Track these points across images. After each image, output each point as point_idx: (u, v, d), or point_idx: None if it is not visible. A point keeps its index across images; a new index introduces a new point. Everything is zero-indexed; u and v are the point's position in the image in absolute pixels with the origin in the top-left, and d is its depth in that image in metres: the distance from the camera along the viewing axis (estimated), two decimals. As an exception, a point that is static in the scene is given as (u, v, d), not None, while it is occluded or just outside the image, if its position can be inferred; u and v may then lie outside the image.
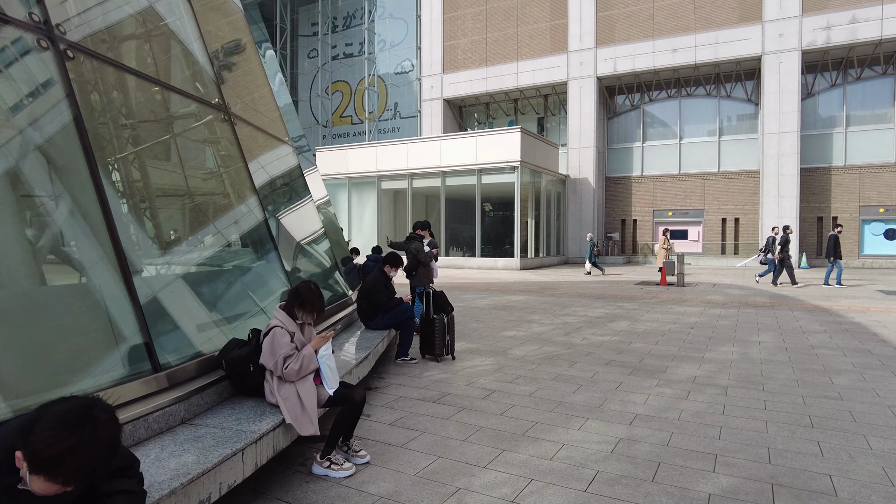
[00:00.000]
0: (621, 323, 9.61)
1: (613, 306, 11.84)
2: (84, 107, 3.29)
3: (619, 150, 29.95)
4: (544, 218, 26.69)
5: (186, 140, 4.83)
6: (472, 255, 25.54)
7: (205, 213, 5.03)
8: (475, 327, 9.09)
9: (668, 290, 15.48)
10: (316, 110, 44.16)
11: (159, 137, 4.56)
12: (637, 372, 6.15)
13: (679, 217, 28.56)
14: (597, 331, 8.81)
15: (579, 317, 10.31)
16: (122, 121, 4.12)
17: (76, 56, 3.35)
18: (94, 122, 3.57)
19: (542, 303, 12.40)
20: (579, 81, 28.63)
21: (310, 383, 3.51)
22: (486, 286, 16.29)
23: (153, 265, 3.96)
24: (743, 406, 4.91)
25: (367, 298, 6.30)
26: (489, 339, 8.11)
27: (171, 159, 4.61)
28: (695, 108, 28.09)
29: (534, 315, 10.51)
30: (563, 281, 18.20)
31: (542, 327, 9.13)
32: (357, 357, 4.95)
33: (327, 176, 28.48)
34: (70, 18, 3.45)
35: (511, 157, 23.43)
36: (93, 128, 3.40)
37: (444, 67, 32.57)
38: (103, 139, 3.67)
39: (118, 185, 3.86)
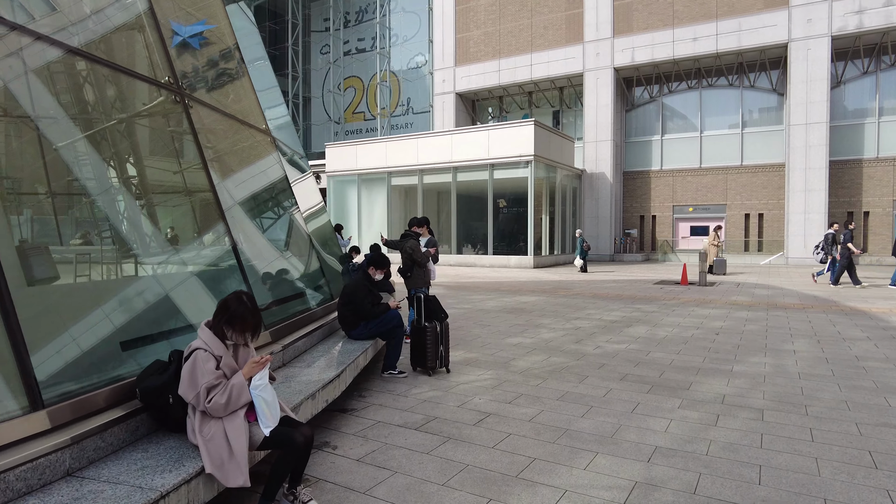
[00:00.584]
0: (639, 328, 8.78)
1: (630, 308, 11.00)
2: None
3: (637, 144, 28.94)
4: (559, 214, 25.81)
5: (121, 126, 4.13)
6: (483, 253, 24.76)
7: (135, 208, 4.32)
8: (478, 333, 8.33)
9: (689, 289, 14.58)
10: (328, 106, 43.65)
11: (80, 121, 3.86)
12: (657, 389, 5.35)
13: (700, 213, 27.51)
14: (612, 337, 8.00)
15: (593, 321, 9.50)
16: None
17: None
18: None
19: (554, 304, 11.60)
20: (596, 73, 27.67)
21: (240, 420, 2.78)
22: (496, 286, 15.51)
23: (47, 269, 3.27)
24: (785, 436, 4.09)
25: (349, 305, 5.58)
26: (491, 347, 7.35)
27: (102, 149, 3.91)
28: (716, 100, 26.99)
29: (544, 319, 9.72)
30: (578, 280, 17.35)
31: (552, 333, 8.34)
32: (324, 377, 4.22)
33: (337, 172, 27.92)
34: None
35: (524, 151, 22.59)
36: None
37: (457, 60, 31.76)
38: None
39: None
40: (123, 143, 4.17)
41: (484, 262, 23.98)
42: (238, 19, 7.38)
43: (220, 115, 5.26)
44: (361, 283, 5.60)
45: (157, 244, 4.26)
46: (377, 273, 5.76)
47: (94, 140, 3.85)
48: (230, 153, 5.37)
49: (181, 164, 4.58)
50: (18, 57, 3.15)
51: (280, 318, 5.02)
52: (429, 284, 7.74)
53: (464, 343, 7.59)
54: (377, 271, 5.75)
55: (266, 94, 7.17)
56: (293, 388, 3.92)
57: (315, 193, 8.29)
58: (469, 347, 7.30)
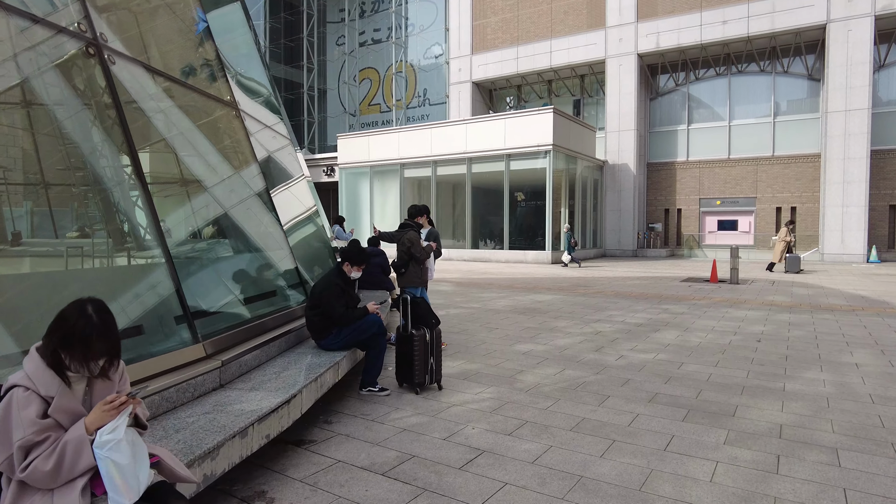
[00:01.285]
0: (668, 333, 7.71)
1: (658, 309, 9.91)
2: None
3: (662, 134, 27.60)
4: (579, 207, 24.64)
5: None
6: (499, 248, 23.71)
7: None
8: (483, 338, 7.34)
9: (719, 288, 13.41)
10: (344, 99, 42.83)
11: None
12: (695, 415, 4.32)
13: (728, 206, 26.12)
14: (637, 344, 6.95)
15: (615, 324, 8.44)
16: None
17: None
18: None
19: (572, 304, 10.55)
20: (618, 59, 26.37)
21: (75, 496, 1.84)
22: (510, 283, 14.48)
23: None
24: (879, 495, 3.05)
25: (317, 308, 4.63)
26: (497, 355, 6.36)
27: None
28: (746, 87, 25.53)
29: (559, 321, 8.68)
30: (599, 276, 16.24)
31: (568, 338, 7.31)
32: (265, 406, 3.26)
33: (349, 164, 27.08)
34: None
35: (543, 141, 21.46)
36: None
37: (474, 48, 30.65)
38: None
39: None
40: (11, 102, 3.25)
41: (499, 258, 22.93)
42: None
43: (156, 75, 4.32)
44: (333, 282, 4.64)
45: (48, 229, 3.34)
46: (353, 270, 4.79)
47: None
48: (168, 120, 4.44)
49: (93, 125, 3.64)
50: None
51: (225, 325, 4.09)
52: (426, 283, 6.76)
53: (465, 350, 6.60)
54: (353, 268, 4.78)
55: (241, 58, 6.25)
56: (217, 423, 2.97)
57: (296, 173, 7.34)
58: (471, 356, 6.31)
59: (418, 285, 6.61)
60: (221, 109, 5.31)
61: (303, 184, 7.59)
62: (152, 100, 4.30)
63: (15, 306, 2.89)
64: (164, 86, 4.45)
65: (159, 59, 4.56)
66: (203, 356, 3.61)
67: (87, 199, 3.65)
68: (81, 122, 3.56)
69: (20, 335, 2.70)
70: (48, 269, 3.48)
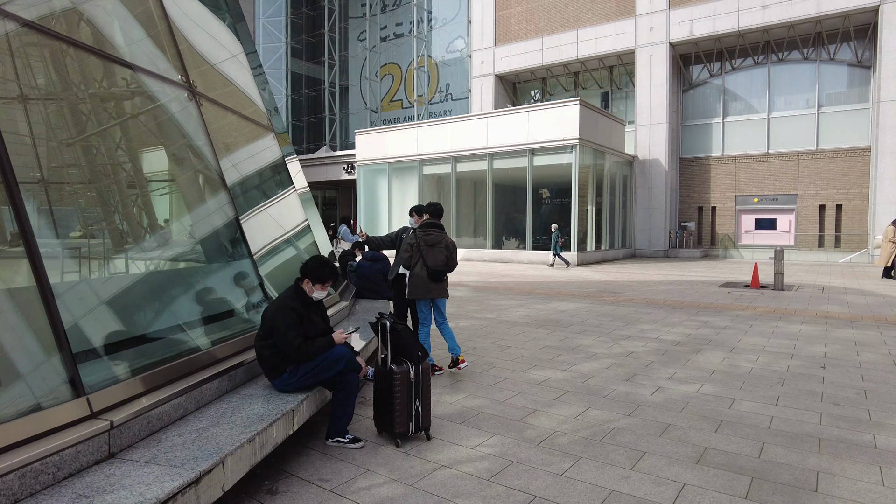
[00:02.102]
0: (712, 354, 6.56)
1: (696, 322, 8.73)
2: None
3: (695, 127, 26.12)
4: (607, 205, 23.35)
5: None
6: (522, 248, 22.57)
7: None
8: (494, 360, 6.28)
9: (762, 295, 12.12)
10: (365, 95, 42.04)
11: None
12: (761, 488, 3.22)
13: (766, 204, 24.57)
14: (676, 371, 5.82)
15: (648, 341, 7.31)
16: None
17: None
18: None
19: (599, 315, 9.43)
20: (649, 49, 24.97)
21: None
22: (530, 287, 13.37)
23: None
24: None
25: (268, 338, 3.64)
26: (507, 386, 5.31)
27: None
28: (788, 76, 23.93)
29: (584, 337, 7.58)
30: (629, 280, 15.02)
31: (593, 362, 6.21)
32: (149, 497, 2.26)
33: (367, 161, 26.23)
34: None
35: (568, 135, 20.26)
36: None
37: (497, 39, 29.50)
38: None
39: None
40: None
41: (521, 258, 21.79)
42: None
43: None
44: (286, 306, 3.62)
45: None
46: (316, 288, 3.77)
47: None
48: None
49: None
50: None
51: (131, 366, 3.11)
52: (441, 293, 5.74)
53: (470, 378, 5.56)
54: (316, 286, 3.76)
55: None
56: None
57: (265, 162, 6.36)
58: (475, 387, 5.27)
59: (424, 296, 5.59)
60: (174, 91, 4.37)
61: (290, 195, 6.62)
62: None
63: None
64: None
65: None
66: (86, 415, 2.63)
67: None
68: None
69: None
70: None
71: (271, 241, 5.57)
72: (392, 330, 3.83)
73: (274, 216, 5.89)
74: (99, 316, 3.18)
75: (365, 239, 6.15)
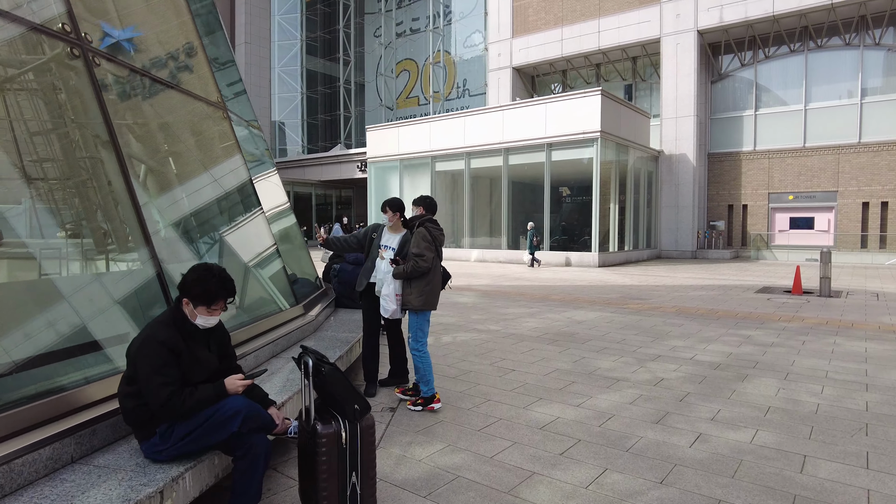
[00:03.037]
0: (762, 383, 5.26)
1: (737, 337, 7.41)
2: None
3: (725, 120, 24.54)
4: (631, 203, 21.92)
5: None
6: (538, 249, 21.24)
7: None
8: (489, 390, 5.07)
9: (808, 302, 10.72)
10: (382, 92, 41.04)
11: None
12: None
13: (802, 201, 22.91)
14: (720, 407, 4.56)
15: (682, 363, 6.04)
16: None
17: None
18: None
19: (622, 327, 8.16)
20: (675, 37, 23.47)
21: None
22: (545, 292, 12.11)
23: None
24: None
25: (133, 383, 2.48)
26: (499, 432, 4.10)
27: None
28: (827, 64, 22.24)
29: (603, 357, 6.33)
30: (655, 285, 13.67)
31: (614, 393, 4.97)
32: None
33: (378, 158, 25.19)
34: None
35: (589, 128, 18.92)
36: None
37: (514, 31, 28.20)
38: None
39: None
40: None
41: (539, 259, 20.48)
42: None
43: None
44: (154, 338, 2.46)
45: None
46: (201, 312, 2.60)
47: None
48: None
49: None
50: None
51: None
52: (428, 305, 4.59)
53: (454, 416, 4.36)
54: (199, 308, 2.59)
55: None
56: None
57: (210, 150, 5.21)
58: (458, 432, 4.07)
59: (420, 306, 4.49)
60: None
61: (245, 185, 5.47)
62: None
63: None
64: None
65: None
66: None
67: None
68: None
69: None
70: None
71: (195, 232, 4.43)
72: (316, 372, 2.65)
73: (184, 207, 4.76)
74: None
75: (323, 241, 4.99)
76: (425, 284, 4.49)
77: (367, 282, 4.94)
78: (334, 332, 5.56)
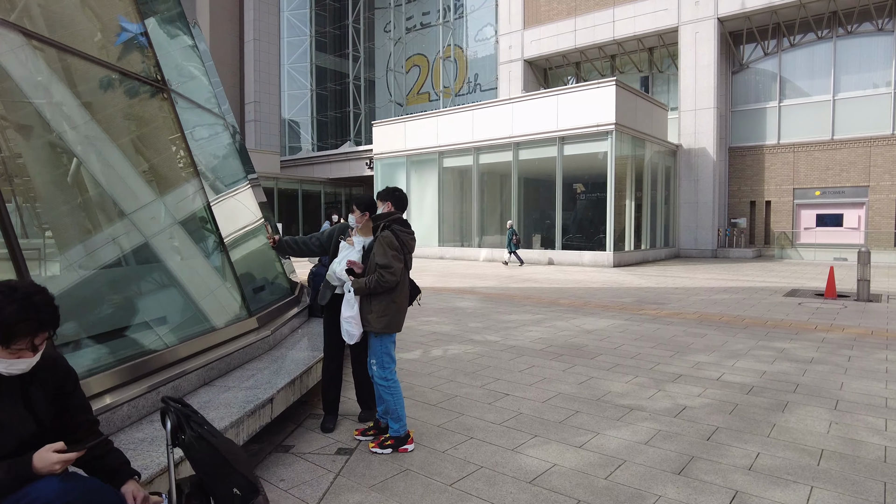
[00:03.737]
0: (808, 414, 4.32)
1: (769, 350, 6.45)
2: None
3: (746, 113, 23.36)
4: (648, 200, 20.86)
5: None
6: (550, 248, 20.28)
7: None
8: (472, 423, 4.18)
9: (845, 307, 9.69)
10: (392, 88, 40.24)
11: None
12: None
13: (830, 197, 21.67)
14: (759, 449, 3.63)
15: (708, 385, 5.10)
16: None
17: None
18: None
19: (637, 337, 7.22)
20: (694, 26, 22.34)
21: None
22: (555, 296, 11.19)
23: None
24: None
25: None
26: (475, 489, 3.21)
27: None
28: (858, 51, 20.98)
29: (614, 377, 5.41)
30: (673, 287, 12.68)
31: (626, 430, 4.06)
32: None
33: (384, 154, 24.39)
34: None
35: (603, 120, 17.92)
36: None
37: (526, 22, 27.21)
38: None
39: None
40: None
41: (550, 259, 19.51)
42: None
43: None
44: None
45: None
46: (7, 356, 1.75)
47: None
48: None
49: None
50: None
51: None
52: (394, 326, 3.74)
53: (425, 457, 3.48)
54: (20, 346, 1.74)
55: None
56: None
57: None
58: (423, 487, 3.19)
59: (383, 329, 3.64)
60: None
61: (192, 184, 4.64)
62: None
63: None
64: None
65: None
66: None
67: None
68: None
69: None
70: None
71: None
72: (173, 439, 1.79)
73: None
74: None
75: (275, 244, 4.15)
76: (390, 302, 3.63)
77: (331, 293, 4.09)
78: (293, 351, 4.72)
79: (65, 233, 3.57)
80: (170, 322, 3.87)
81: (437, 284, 13.01)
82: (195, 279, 4.27)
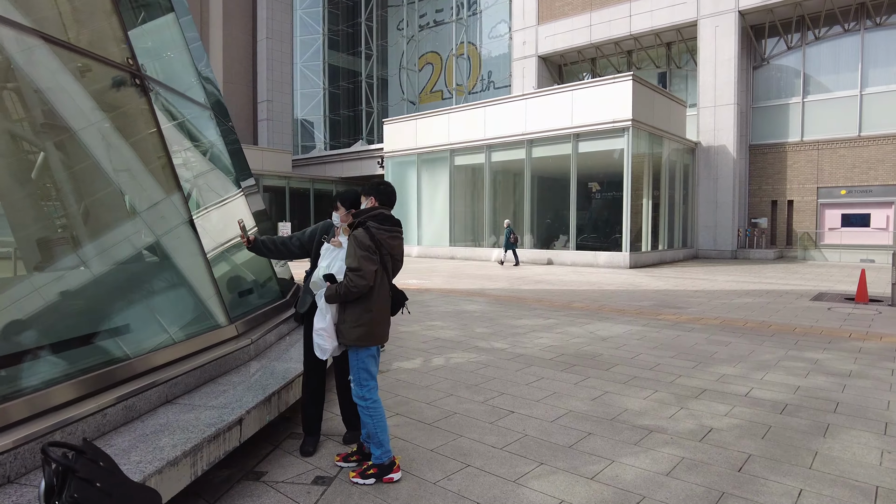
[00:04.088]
0: (852, 439, 3.80)
1: (801, 362, 5.91)
2: None
3: (768, 109, 22.62)
4: (665, 199, 20.23)
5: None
6: (565, 248, 19.73)
7: None
8: (469, 447, 3.72)
9: (879, 313, 9.07)
10: (405, 86, 39.85)
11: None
12: None
13: (857, 196, 20.89)
14: (801, 487, 3.12)
15: (735, 402, 4.58)
16: None
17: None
18: None
19: (655, 345, 6.71)
20: (714, 19, 21.65)
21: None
22: (568, 298, 10.68)
23: None
24: None
25: None
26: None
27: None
28: (886, 44, 20.18)
29: (631, 392, 4.91)
30: (693, 289, 12.10)
31: (644, 458, 3.57)
32: None
33: (395, 152, 24.00)
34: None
35: (620, 116, 17.35)
36: None
37: (540, 17, 26.66)
38: None
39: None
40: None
41: (564, 259, 18.97)
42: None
43: None
44: None
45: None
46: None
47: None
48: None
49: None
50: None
51: None
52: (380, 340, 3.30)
53: (412, 489, 3.02)
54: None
55: None
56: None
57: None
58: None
59: (385, 338, 3.21)
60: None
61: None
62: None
63: None
64: None
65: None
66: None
67: None
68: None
69: None
70: None
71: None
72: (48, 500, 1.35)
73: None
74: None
75: (249, 245, 3.72)
76: (363, 311, 3.17)
77: (311, 300, 3.65)
78: (277, 362, 4.28)
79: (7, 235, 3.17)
80: (127, 332, 3.44)
81: (446, 286, 12.55)
82: (161, 283, 3.85)
